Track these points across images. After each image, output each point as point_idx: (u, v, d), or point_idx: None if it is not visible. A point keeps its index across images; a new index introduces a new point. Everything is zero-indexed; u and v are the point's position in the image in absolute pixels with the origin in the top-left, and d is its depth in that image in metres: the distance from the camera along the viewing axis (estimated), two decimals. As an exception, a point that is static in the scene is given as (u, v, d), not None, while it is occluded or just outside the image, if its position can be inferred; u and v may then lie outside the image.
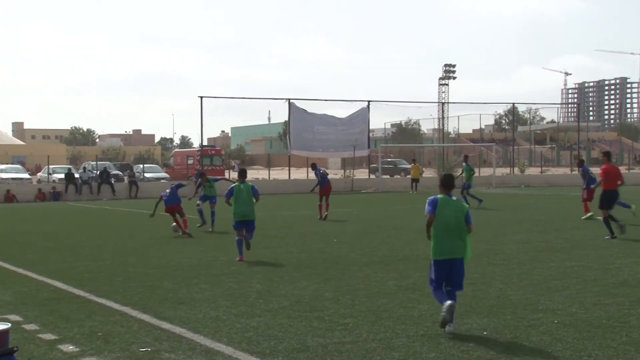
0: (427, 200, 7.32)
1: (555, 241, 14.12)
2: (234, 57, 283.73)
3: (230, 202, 11.68)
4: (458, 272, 7.17)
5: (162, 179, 42.25)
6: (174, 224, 16.79)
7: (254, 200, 12.42)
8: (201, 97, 37.32)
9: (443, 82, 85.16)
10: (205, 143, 45.82)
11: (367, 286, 9.51)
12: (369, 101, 42.41)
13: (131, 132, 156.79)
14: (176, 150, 71.47)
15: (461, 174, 24.54)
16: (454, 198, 7.31)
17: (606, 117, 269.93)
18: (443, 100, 76.46)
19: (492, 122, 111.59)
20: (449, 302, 6.82)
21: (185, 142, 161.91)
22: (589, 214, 18.56)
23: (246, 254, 12.52)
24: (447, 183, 7.37)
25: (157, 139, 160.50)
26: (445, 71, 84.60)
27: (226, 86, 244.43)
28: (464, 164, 24.95)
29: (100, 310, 8.27)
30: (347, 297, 8.79)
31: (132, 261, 12.29)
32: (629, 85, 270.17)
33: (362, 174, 49.54)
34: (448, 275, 7.15)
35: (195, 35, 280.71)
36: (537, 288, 9.16)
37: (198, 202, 19.75)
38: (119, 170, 46.11)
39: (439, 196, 7.31)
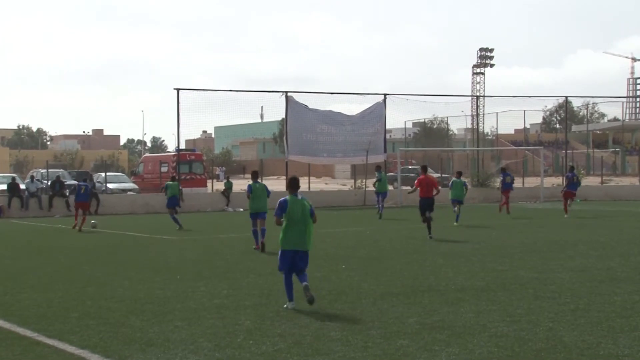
0: (278, 202, 10.86)
1: (619, 269, 14.09)
2: (218, 41, 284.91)
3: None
4: (302, 260, 10.83)
5: (130, 190, 42.33)
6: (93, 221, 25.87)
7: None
8: (177, 90, 37.47)
9: (478, 70, 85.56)
10: (182, 146, 45.99)
11: (382, 324, 9.50)
12: (385, 94, 42.55)
13: (91, 133, 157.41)
14: (147, 155, 71.67)
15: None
16: (299, 197, 10.93)
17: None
18: (478, 93, 76.61)
19: (539, 120, 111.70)
20: (290, 304, 10.67)
21: (158, 145, 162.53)
22: None
23: (231, 284, 12.64)
24: (293, 184, 11.06)
25: (122, 141, 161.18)
26: (480, 57, 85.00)
27: (209, 76, 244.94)
28: (453, 178, 27.88)
29: (51, 355, 8.26)
30: (359, 338, 8.77)
31: (91, 293, 12.30)
32: None
33: (377, 184, 49.62)
34: (293, 263, 10.78)
35: (169, 13, 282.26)
36: (597, 328, 9.13)
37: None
38: (75, 179, 46.19)
39: (287, 197, 10.92)
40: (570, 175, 29.83)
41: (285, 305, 10.67)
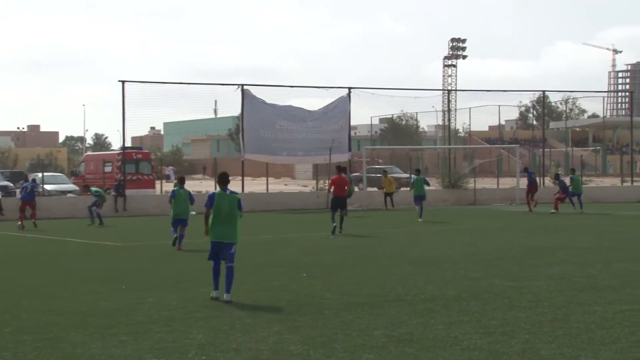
0: (207, 195, 12.64)
1: (600, 277, 14.30)
2: (168, 29, 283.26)
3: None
4: (228, 251, 12.34)
5: (70, 192, 41.88)
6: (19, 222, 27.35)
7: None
8: (122, 82, 37.14)
9: (449, 62, 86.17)
10: (128, 144, 45.54)
11: (347, 337, 9.54)
12: (350, 88, 42.61)
13: (26, 129, 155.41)
14: (88, 153, 70.95)
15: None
16: (228, 192, 12.51)
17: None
18: (449, 87, 77.19)
19: (515, 116, 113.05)
20: (215, 293, 12.34)
21: (101, 142, 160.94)
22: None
23: (181, 294, 12.66)
24: (223, 180, 12.72)
25: (61, 138, 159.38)
26: (452, 48, 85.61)
27: (157, 68, 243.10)
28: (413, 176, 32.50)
29: (-19, 373, 8.15)
30: (321, 352, 8.80)
31: (27, 305, 12.16)
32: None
33: (341, 185, 49.67)
34: (220, 253, 12.38)
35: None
36: (576, 340, 9.26)
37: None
38: (8, 180, 45.56)
39: (216, 191, 12.57)
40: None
41: (210, 295, 12.33)
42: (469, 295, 12.38)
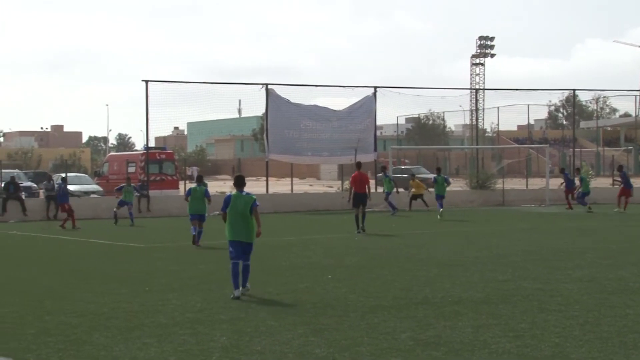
0: (224, 197, 13.27)
1: (632, 279, 14.19)
2: (191, 28, 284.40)
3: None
4: (245, 250, 13.00)
5: (93, 192, 42.15)
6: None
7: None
8: (146, 82, 37.33)
9: (477, 61, 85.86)
10: (152, 144, 45.77)
11: (372, 340, 9.52)
12: (375, 87, 42.57)
13: (49, 129, 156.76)
14: (112, 153, 71.48)
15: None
16: (244, 193, 13.11)
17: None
18: (477, 86, 76.86)
19: (544, 115, 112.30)
20: (239, 290, 12.72)
21: (124, 142, 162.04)
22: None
23: (205, 296, 12.73)
24: (239, 182, 13.34)
25: (85, 139, 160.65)
26: (480, 46, 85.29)
27: (181, 67, 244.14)
28: (383, 175, 35.28)
29: (4, 374, 8.20)
30: (346, 355, 8.78)
31: (50, 306, 12.25)
32: None
33: (366, 186, 49.57)
34: (240, 251, 12.89)
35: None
36: (607, 344, 9.19)
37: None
38: (32, 181, 45.93)
39: (233, 193, 13.25)
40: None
41: (231, 295, 12.63)
42: (497, 298, 12.32)
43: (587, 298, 12.23)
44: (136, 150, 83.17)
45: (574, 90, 51.38)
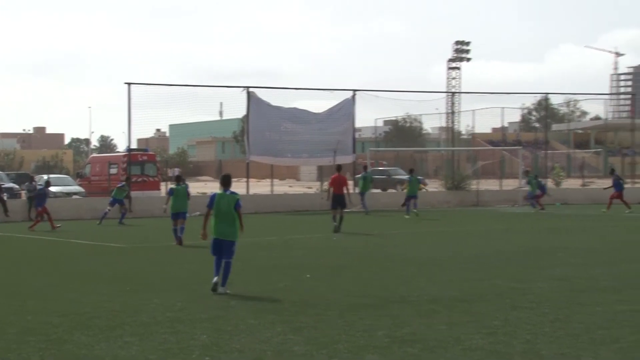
0: (209, 196, 13.45)
1: (601, 277, 14.30)
2: (173, 31, 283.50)
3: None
4: (228, 249, 13.02)
5: (75, 194, 41.91)
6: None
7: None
8: (128, 84, 37.16)
9: (453, 65, 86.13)
10: (134, 146, 45.59)
11: (350, 337, 9.53)
12: (354, 90, 42.59)
13: (31, 131, 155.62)
14: (94, 155, 71.05)
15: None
16: (228, 192, 13.15)
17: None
18: (453, 90, 77.13)
19: (518, 118, 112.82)
20: (215, 278, 12.87)
21: (106, 144, 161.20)
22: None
23: (186, 296, 12.74)
24: (225, 181, 13.35)
25: (67, 140, 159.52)
26: (456, 50, 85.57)
27: (162, 70, 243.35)
28: (364, 174, 36.09)
29: (-13, 373, 8.15)
30: (324, 352, 8.79)
31: (32, 307, 12.16)
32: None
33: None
34: (221, 250, 12.98)
35: (117, 0, 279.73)
36: (577, 340, 9.25)
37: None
38: (14, 182, 45.57)
39: (217, 192, 13.28)
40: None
41: (212, 281, 12.92)
42: (471, 296, 12.37)
43: (558, 296, 12.32)
44: (118, 152, 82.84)
45: (546, 94, 51.75)
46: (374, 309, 11.38)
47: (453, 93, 71.46)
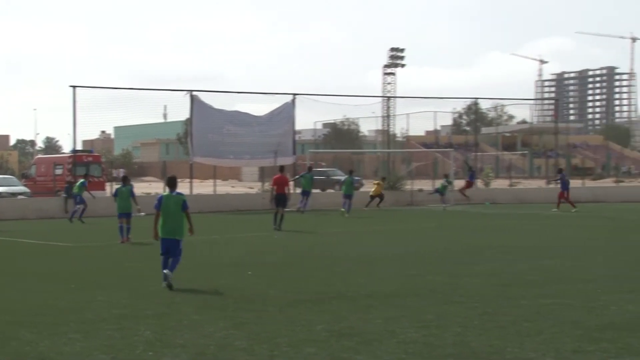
0: (157, 198, 13.42)
1: (527, 273, 14.55)
2: (117, 34, 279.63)
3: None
4: (175, 247, 13.14)
5: (21, 194, 41.05)
6: None
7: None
8: (74, 87, 36.58)
9: (388, 70, 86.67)
10: (79, 147, 44.87)
11: (290, 332, 9.54)
12: (295, 94, 42.63)
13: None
14: (39, 156, 69.62)
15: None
16: (174, 194, 13.30)
17: (590, 116, 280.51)
18: (388, 94, 77.68)
19: (449, 122, 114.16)
20: (165, 271, 12.88)
21: (52, 145, 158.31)
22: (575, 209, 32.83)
23: (131, 293, 12.61)
24: (170, 183, 13.49)
25: (12, 142, 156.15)
26: (391, 57, 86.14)
27: (107, 73, 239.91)
28: (306, 173, 36.07)
29: None
30: (265, 347, 8.79)
31: (-22, 304, 11.89)
32: (617, 77, 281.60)
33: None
34: (169, 249, 13.11)
35: (65, 3, 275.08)
36: (504, 332, 9.41)
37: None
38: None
39: (164, 194, 13.39)
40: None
41: (162, 279, 12.91)
42: (406, 292, 12.49)
43: (486, 290, 12.50)
44: (63, 153, 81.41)
45: (476, 98, 52.48)
46: (313, 305, 11.40)
47: (388, 97, 71.93)
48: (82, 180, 31.98)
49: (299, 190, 36.86)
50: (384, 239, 22.24)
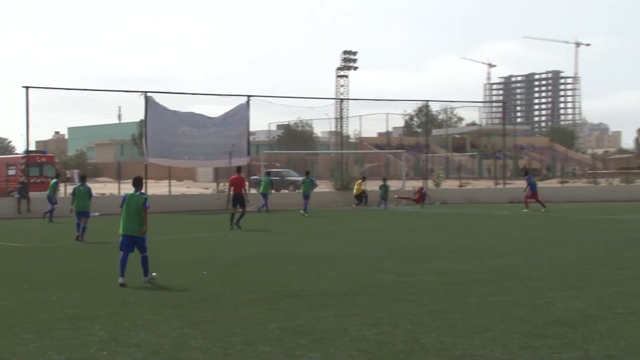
0: (122, 197, 13.89)
1: (476, 271, 14.70)
2: (71, 35, 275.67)
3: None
4: (141, 245, 13.46)
5: (-27, 194, 40.26)
6: None
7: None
8: (26, 88, 35.97)
9: (341, 73, 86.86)
10: (32, 148, 44.18)
11: (244, 330, 9.51)
12: (249, 96, 42.50)
13: None
14: (-8, 156, 68.39)
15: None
16: (138, 193, 13.60)
17: (536, 118, 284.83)
18: (341, 97, 77.89)
19: (401, 123, 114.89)
20: (120, 280, 13.15)
21: (4, 146, 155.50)
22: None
23: (85, 293, 12.46)
24: (136, 182, 13.91)
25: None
26: (344, 60, 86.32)
27: (61, 73, 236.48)
28: (264, 175, 37.78)
29: None
30: (219, 345, 8.75)
31: None
32: (562, 81, 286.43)
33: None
34: (129, 245, 13.43)
35: (18, 4, 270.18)
36: (454, 329, 9.50)
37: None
38: None
39: (128, 192, 13.77)
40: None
41: (118, 282, 13.07)
42: (358, 290, 12.53)
43: (436, 288, 12.60)
44: (17, 153, 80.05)
45: (427, 101, 52.85)
46: (267, 303, 11.38)
47: (341, 100, 72.10)
48: (55, 180, 31.96)
49: (254, 191, 36.81)
50: (337, 238, 22.29)
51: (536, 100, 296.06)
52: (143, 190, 13.88)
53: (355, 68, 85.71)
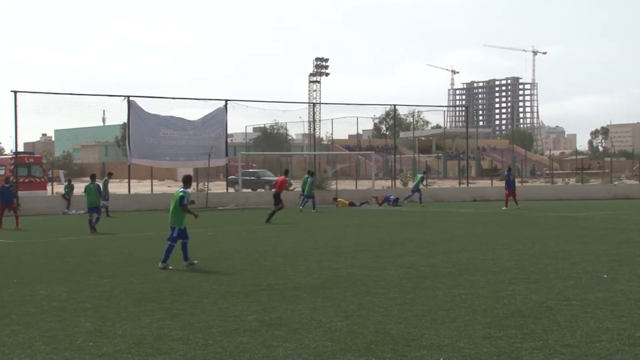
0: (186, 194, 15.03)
1: (442, 265, 14.75)
2: (57, 41, 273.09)
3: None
4: (172, 234, 14.95)
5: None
6: None
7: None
8: (15, 92, 35.60)
9: (314, 79, 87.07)
10: (20, 149, 43.69)
11: (223, 322, 9.47)
12: (227, 100, 42.39)
13: None
14: (-18, 157, 67.56)
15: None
16: (181, 190, 14.96)
17: (497, 122, 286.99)
18: (314, 101, 77.92)
19: (370, 126, 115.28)
20: (161, 265, 14.64)
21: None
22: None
23: (72, 286, 12.32)
24: (185, 180, 15.41)
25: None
26: (316, 66, 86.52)
27: (48, 78, 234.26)
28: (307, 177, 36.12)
29: None
30: (199, 336, 8.70)
31: None
32: (521, 86, 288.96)
33: (218, 187, 49.28)
34: (176, 235, 15.03)
35: (5, 9, 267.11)
36: (421, 320, 9.52)
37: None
38: None
39: (179, 190, 15.05)
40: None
41: (169, 267, 14.43)
42: (331, 284, 12.52)
43: (405, 282, 12.63)
44: (6, 154, 79.18)
45: (395, 105, 53.00)
46: (244, 296, 11.35)
47: (314, 104, 72.12)
48: (105, 178, 32.07)
49: (232, 190, 36.64)
50: (310, 235, 22.27)
51: (497, 105, 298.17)
52: (187, 189, 15.13)
53: (327, 74, 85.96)
